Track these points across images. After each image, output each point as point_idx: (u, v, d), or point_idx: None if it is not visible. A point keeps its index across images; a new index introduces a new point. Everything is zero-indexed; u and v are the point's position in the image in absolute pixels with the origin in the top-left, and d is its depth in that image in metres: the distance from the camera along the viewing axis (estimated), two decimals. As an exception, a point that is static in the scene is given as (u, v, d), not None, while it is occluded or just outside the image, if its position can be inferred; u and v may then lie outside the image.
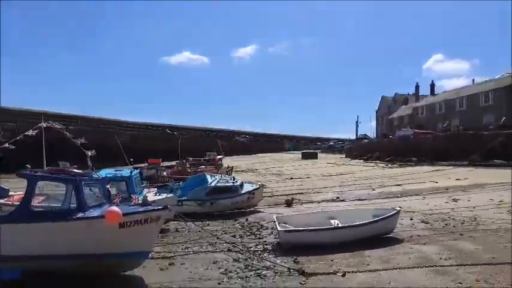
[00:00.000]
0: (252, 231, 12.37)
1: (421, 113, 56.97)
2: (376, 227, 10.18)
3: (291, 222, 11.10)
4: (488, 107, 44.04)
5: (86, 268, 7.55)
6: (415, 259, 8.48)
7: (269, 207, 17.11)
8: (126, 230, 7.59)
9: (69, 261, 7.37)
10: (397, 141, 41.96)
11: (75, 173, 8.11)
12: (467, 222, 11.90)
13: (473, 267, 7.61)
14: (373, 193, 20.08)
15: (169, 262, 9.01)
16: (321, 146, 71.50)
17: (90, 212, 7.71)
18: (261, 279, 7.67)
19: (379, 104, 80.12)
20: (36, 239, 7.29)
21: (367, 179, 26.67)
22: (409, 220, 12.66)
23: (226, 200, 15.82)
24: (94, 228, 7.43)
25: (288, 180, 28.84)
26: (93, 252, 7.48)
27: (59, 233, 7.38)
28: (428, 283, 6.95)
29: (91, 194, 8.23)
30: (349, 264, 8.41)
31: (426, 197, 17.61)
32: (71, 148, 29.37)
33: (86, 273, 7.58)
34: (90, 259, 7.47)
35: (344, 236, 9.89)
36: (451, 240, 9.90)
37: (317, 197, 19.68)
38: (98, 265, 7.59)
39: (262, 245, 10.44)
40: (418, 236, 10.51)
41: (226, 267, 8.43)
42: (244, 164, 45.23)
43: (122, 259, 7.77)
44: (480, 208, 13.81)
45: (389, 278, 7.32)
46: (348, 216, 11.11)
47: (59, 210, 7.70)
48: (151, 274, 8.15)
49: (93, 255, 7.49)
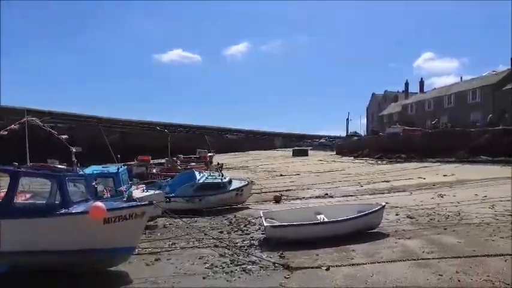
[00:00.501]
0: (240, 227, 12.42)
1: (411, 110, 57.52)
2: (362, 221, 10.30)
3: (278, 217, 11.17)
4: (475, 104, 44.65)
5: (71, 264, 7.52)
6: (399, 253, 8.61)
7: (258, 204, 17.18)
8: (110, 225, 7.58)
9: (53, 257, 7.33)
10: (387, 138, 42.29)
11: (59, 169, 8.05)
12: (451, 217, 12.09)
13: (454, 260, 7.76)
14: (361, 189, 20.27)
15: (155, 258, 9.02)
16: (312, 144, 71.67)
17: (75, 207, 7.67)
18: (246, 273, 7.72)
19: (370, 101, 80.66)
20: (20, 235, 7.23)
21: (356, 175, 26.86)
22: (395, 215, 12.83)
23: (215, 197, 15.85)
24: (78, 224, 7.40)
25: (278, 177, 28.93)
26: (77, 248, 7.46)
27: (42, 229, 7.34)
28: (410, 275, 7.07)
29: (76, 190, 8.19)
30: (333, 258, 8.50)
31: (413, 193, 17.83)
32: (61, 146, 29.17)
33: (70, 269, 7.56)
34: (75, 255, 7.45)
35: (330, 231, 9.99)
36: (434, 235, 10.06)
37: (306, 194, 19.79)
38: (82, 261, 7.57)
39: (249, 241, 10.49)
40: (403, 231, 10.66)
41: (212, 262, 8.47)
42: (235, 162, 45.22)
43: (107, 255, 7.76)
44: (465, 203, 14.03)
45: (372, 271, 7.42)
46: (333, 212, 11.21)
47: (42, 206, 7.64)
48: (137, 270, 8.16)
49: (77, 251, 7.47)
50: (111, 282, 7.48)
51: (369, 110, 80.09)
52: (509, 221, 10.78)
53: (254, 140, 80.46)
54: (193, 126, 75.62)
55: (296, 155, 51.49)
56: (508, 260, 7.53)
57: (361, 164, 36.16)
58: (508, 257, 7.67)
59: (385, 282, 6.78)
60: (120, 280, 7.62)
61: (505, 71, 44.76)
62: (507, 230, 9.85)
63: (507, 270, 7.01)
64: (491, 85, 42.94)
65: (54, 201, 7.66)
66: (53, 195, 7.98)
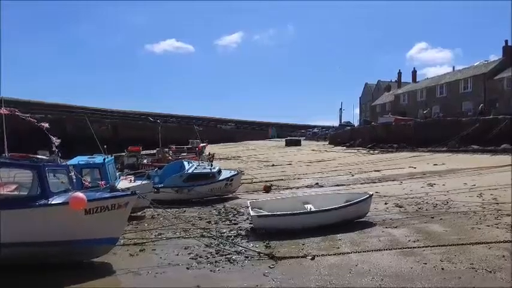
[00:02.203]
0: (228, 217, 12.36)
1: (403, 100, 57.53)
2: (349, 211, 10.25)
3: (265, 207, 11.10)
4: (467, 94, 44.74)
5: (52, 255, 7.39)
6: (385, 242, 8.58)
7: (248, 194, 17.11)
8: (92, 216, 7.45)
9: (34, 249, 7.20)
10: (379, 128, 42.30)
11: (38, 159, 7.87)
12: (439, 205, 12.10)
13: (439, 248, 7.73)
14: (352, 179, 20.28)
15: (140, 248, 8.94)
16: (306, 133, 71.64)
17: (55, 198, 7.52)
18: (230, 263, 7.65)
19: (363, 91, 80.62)
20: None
21: (347, 165, 26.87)
22: (383, 205, 12.81)
23: (204, 187, 15.74)
24: (58, 215, 7.26)
25: (269, 167, 28.88)
26: (58, 239, 7.32)
27: (22, 220, 7.19)
28: (394, 264, 7.03)
29: (56, 180, 8.01)
30: (320, 247, 8.46)
31: (403, 182, 17.83)
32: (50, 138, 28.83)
33: (52, 260, 7.42)
34: (56, 246, 7.32)
35: (317, 220, 9.93)
36: (421, 223, 10.06)
37: (297, 183, 19.75)
38: (64, 252, 7.44)
39: (236, 231, 10.43)
40: (391, 220, 10.64)
41: (197, 253, 8.38)
42: (228, 152, 45.08)
43: (89, 246, 7.65)
44: (453, 192, 14.04)
45: (357, 260, 7.38)
46: (321, 201, 11.16)
47: (22, 198, 7.47)
48: (120, 260, 8.06)
49: (58, 242, 7.34)
50: (93, 273, 7.37)
51: (362, 100, 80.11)
52: (495, 210, 10.79)
53: (247, 130, 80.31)
54: (185, 116, 75.19)
55: (289, 145, 51.47)
56: (492, 248, 7.52)
57: (353, 153, 36.17)
58: (492, 245, 7.66)
59: (369, 271, 6.73)
60: (103, 271, 7.51)
61: (496, 60, 44.80)
62: (493, 218, 9.86)
63: (490, 257, 7.00)
64: (482, 74, 43.00)
65: (35, 192, 7.48)
66: (34, 186, 7.82)
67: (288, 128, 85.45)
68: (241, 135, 72.17)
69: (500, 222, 9.51)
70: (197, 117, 76.74)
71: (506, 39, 43.75)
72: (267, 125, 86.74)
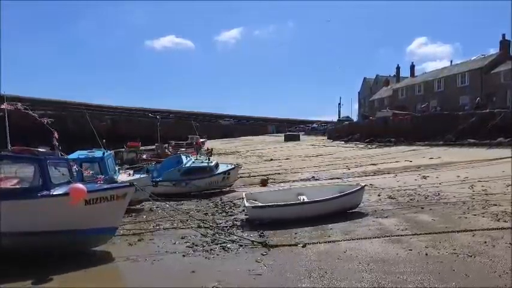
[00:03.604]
0: (225, 209, 12.68)
1: (401, 95, 57.70)
2: (341, 201, 10.56)
3: (260, 199, 11.40)
4: (464, 88, 44.94)
5: (53, 245, 7.67)
6: (375, 230, 8.89)
7: (245, 187, 17.42)
8: (92, 206, 7.74)
9: (35, 239, 7.48)
10: (377, 122, 42.54)
11: (40, 152, 8.16)
12: (430, 197, 12.42)
13: (425, 236, 8.05)
14: (348, 172, 20.58)
15: (138, 238, 9.25)
16: (304, 128, 71.90)
17: (56, 190, 7.81)
18: (224, 251, 7.96)
19: (361, 86, 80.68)
20: (2, 217, 7.36)
21: (345, 159, 27.17)
22: (376, 196, 13.14)
23: (201, 180, 16.05)
24: (59, 206, 7.55)
25: (268, 161, 29.16)
26: (59, 229, 7.61)
27: (24, 211, 7.47)
28: (381, 250, 7.35)
29: (57, 172, 8.30)
30: (311, 236, 8.77)
31: (398, 175, 18.14)
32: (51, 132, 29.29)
33: (53, 249, 7.71)
34: (57, 236, 7.61)
35: (310, 211, 10.25)
36: (411, 213, 10.37)
37: (293, 177, 20.04)
38: (64, 242, 7.72)
39: (232, 222, 10.75)
40: (382, 211, 10.95)
41: (193, 242, 8.69)
42: (227, 147, 45.34)
43: (89, 235, 7.94)
44: (446, 184, 14.35)
45: (346, 247, 7.69)
46: (315, 193, 11.47)
47: (24, 189, 7.76)
48: (119, 249, 8.36)
49: (59, 232, 7.62)
50: (92, 260, 7.67)
51: (361, 95, 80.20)
52: (484, 200, 11.11)
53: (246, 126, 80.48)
54: (184, 112, 75.34)
55: (288, 140, 51.73)
56: (475, 235, 7.83)
57: (351, 148, 36.47)
58: (476, 232, 7.98)
59: (356, 257, 7.05)
60: (102, 258, 7.83)
61: (493, 54, 44.94)
62: (480, 208, 10.18)
63: (473, 243, 7.32)
64: (479, 69, 43.17)
65: (37, 184, 7.77)
66: (36, 179, 8.12)
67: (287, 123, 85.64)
68: (240, 131, 72.38)
69: (487, 211, 9.83)
70: (196, 113, 76.95)
71: (503, 33, 43.93)
72: (266, 121, 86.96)
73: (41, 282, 6.44)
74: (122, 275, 7.20)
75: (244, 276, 6.47)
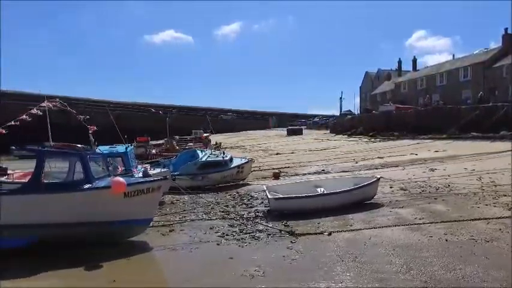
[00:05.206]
0: (243, 202, 13.20)
1: (404, 88, 58.14)
2: (358, 193, 11.09)
3: (280, 191, 11.92)
4: (467, 82, 45.40)
5: (93, 235, 8.19)
6: (393, 220, 9.44)
7: (257, 180, 17.94)
8: (130, 199, 8.27)
9: (78, 229, 8.00)
10: (380, 116, 43.02)
11: (80, 147, 8.65)
12: (441, 188, 12.94)
13: (442, 224, 8.61)
14: (356, 165, 21.08)
15: (169, 229, 9.76)
16: (306, 122, 72.35)
17: (96, 183, 8.32)
18: (255, 240, 8.49)
19: (363, 80, 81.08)
20: (48, 208, 7.88)
21: (350, 152, 27.69)
22: (389, 188, 13.65)
23: (217, 174, 16.55)
24: (101, 198, 8.07)
25: (274, 155, 29.65)
26: (99, 220, 8.14)
27: (68, 203, 7.99)
28: (403, 237, 7.90)
29: (96, 166, 8.80)
30: (334, 226, 9.31)
31: (406, 168, 18.65)
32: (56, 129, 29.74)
33: (94, 240, 8.22)
34: (97, 226, 8.13)
35: (329, 202, 10.78)
36: (425, 204, 10.91)
37: (303, 171, 20.55)
38: (104, 232, 8.25)
39: (253, 213, 11.27)
40: (397, 201, 11.49)
41: (223, 231, 9.23)
42: (231, 141, 45.82)
43: (127, 226, 8.48)
44: (454, 176, 14.88)
45: (370, 234, 8.24)
46: (331, 185, 12.00)
47: (67, 183, 8.26)
48: (154, 239, 8.88)
49: (99, 223, 8.15)
50: (133, 250, 8.18)
51: (362, 89, 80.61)
52: (493, 191, 11.64)
53: (247, 120, 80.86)
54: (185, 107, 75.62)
55: (291, 134, 52.16)
56: (490, 223, 8.38)
57: (355, 141, 36.96)
58: (490, 220, 8.52)
59: (381, 243, 7.59)
60: (141, 248, 8.35)
61: (495, 48, 45.35)
62: (491, 199, 10.73)
63: (488, 230, 7.87)
64: (482, 63, 43.59)
65: (77, 177, 8.26)
66: (71, 173, 8.62)
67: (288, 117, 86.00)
68: (241, 125, 72.77)
69: (498, 201, 10.38)
70: (198, 108, 77.33)
71: (506, 27, 44.27)
72: (266, 115, 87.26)
73: (93, 269, 6.96)
74: (165, 261, 7.70)
75: (280, 261, 7.01)
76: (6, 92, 48.70)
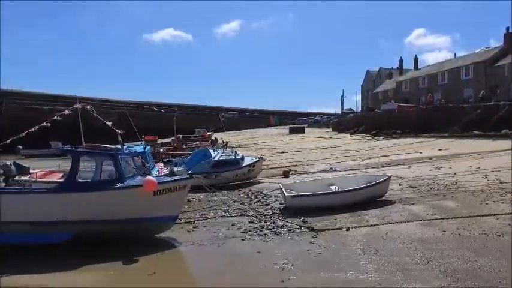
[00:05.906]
0: (258, 199, 13.67)
1: (405, 87, 58.62)
2: (371, 190, 11.59)
3: (295, 189, 12.42)
4: (468, 81, 45.90)
5: (125, 231, 8.68)
6: (407, 216, 9.94)
7: (268, 178, 18.42)
8: (159, 197, 8.75)
9: (111, 226, 8.48)
10: (382, 114, 43.48)
11: (112, 148, 9.11)
12: (449, 186, 13.44)
13: (454, 220, 9.11)
14: (363, 163, 21.56)
15: (193, 226, 10.24)
16: (307, 121, 72.87)
17: (128, 182, 8.78)
18: (277, 235, 8.98)
19: (364, 78, 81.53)
20: (83, 206, 8.36)
21: (355, 151, 28.18)
22: (398, 186, 14.14)
23: (230, 173, 17.02)
24: (133, 196, 8.55)
25: (280, 154, 30.12)
26: (131, 217, 8.62)
27: (102, 201, 8.47)
28: (418, 232, 8.40)
29: (126, 166, 9.25)
30: (350, 221, 9.81)
31: (412, 166, 19.15)
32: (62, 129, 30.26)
33: (124, 236, 8.71)
34: (129, 223, 8.61)
35: (344, 199, 11.27)
36: (435, 201, 11.41)
37: (311, 169, 21.04)
38: (135, 229, 8.74)
39: (270, 210, 11.75)
40: (407, 198, 11.99)
41: (245, 228, 9.71)
42: (233, 140, 46.25)
43: (156, 222, 8.97)
44: (460, 174, 15.37)
45: (386, 230, 8.75)
46: (344, 183, 12.50)
47: (101, 181, 8.71)
48: (180, 235, 9.38)
49: (131, 220, 8.63)
50: (163, 246, 8.67)
51: (364, 87, 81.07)
52: (500, 188, 12.14)
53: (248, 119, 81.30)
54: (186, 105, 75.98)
55: (293, 133, 52.65)
56: (499, 219, 8.88)
57: (358, 140, 37.45)
58: (499, 216, 9.03)
59: (398, 237, 8.09)
60: (171, 244, 8.84)
61: (497, 47, 45.82)
62: (498, 196, 11.23)
63: (498, 225, 8.38)
64: (483, 61, 44.08)
65: (113, 176, 8.69)
66: (98, 172, 9.05)
67: (289, 115, 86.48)
68: (242, 124, 73.22)
69: (505, 198, 10.88)
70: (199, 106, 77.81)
71: (507, 27, 44.76)
72: (267, 113, 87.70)
73: (131, 263, 7.45)
74: (196, 255, 8.18)
75: (305, 255, 7.50)
76: (7, 91, 49.00)
